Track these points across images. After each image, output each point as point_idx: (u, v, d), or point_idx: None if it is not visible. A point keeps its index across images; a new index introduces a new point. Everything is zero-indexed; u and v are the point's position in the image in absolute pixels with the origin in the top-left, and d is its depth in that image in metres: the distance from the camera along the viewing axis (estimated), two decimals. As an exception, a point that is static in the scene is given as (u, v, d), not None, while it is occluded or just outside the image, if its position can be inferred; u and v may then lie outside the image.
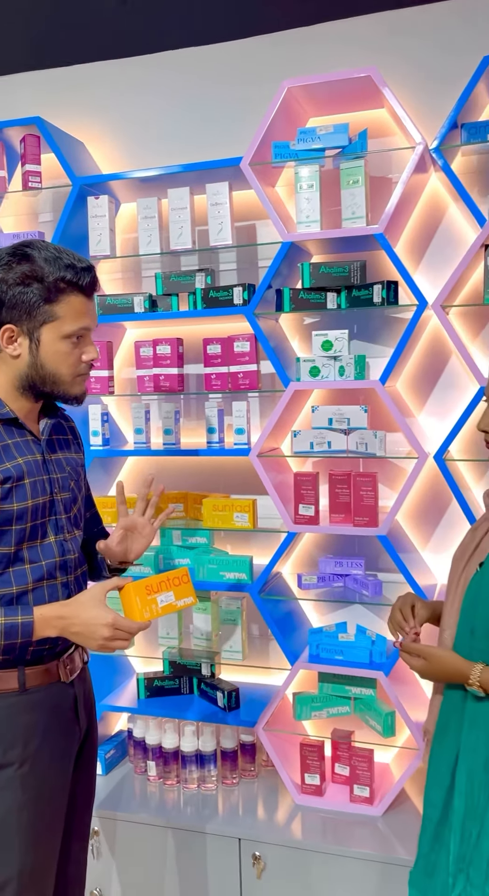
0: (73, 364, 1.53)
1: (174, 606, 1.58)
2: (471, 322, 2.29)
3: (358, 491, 2.16)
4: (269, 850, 2.15)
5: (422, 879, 1.51)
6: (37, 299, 1.46)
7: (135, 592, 1.54)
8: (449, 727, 1.48)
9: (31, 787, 1.50)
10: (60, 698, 1.58)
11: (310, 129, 2.17)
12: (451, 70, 2.21)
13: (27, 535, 1.50)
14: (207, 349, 2.36)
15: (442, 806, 1.48)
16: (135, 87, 2.56)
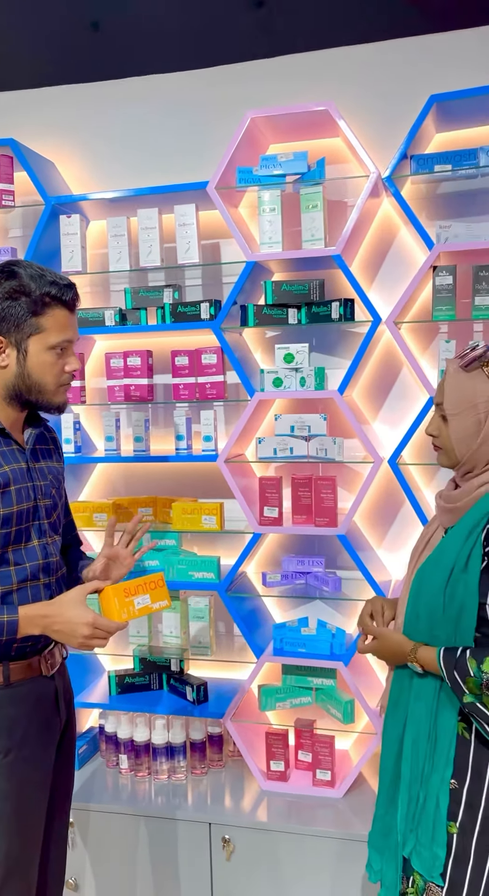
0: (57, 374, 1.63)
1: (150, 609, 1.68)
2: (421, 337, 2.47)
3: (319, 493, 2.32)
4: (238, 833, 2.28)
5: (379, 840, 1.66)
6: (24, 312, 1.57)
7: (113, 595, 1.64)
8: (399, 701, 1.63)
9: (15, 777, 1.59)
10: (42, 691, 1.68)
11: (271, 156, 2.32)
12: (401, 105, 2.39)
13: (12, 538, 1.60)
14: (176, 361, 2.49)
15: (392, 772, 1.63)
16: (104, 109, 2.68)
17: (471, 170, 2.21)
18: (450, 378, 1.56)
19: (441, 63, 2.37)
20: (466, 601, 1.46)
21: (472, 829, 1.47)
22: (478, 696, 1.40)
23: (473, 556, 1.46)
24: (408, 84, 2.41)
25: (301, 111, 2.26)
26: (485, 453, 1.52)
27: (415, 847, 1.53)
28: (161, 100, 2.63)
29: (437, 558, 1.55)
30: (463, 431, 1.53)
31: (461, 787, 1.48)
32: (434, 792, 1.50)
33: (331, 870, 2.22)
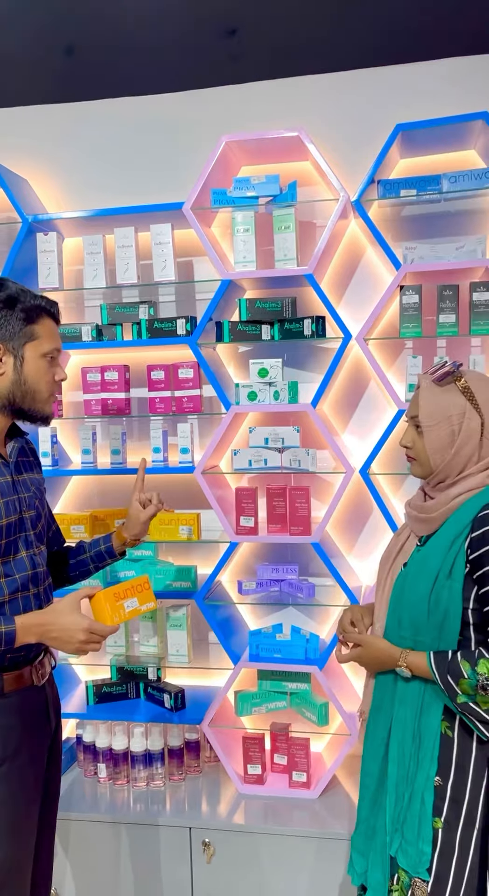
0: (49, 382, 1.70)
1: (139, 611, 1.74)
2: (387, 352, 2.58)
3: (293, 503, 2.41)
4: (218, 835, 2.34)
5: (363, 842, 1.71)
6: (19, 321, 1.63)
7: (105, 600, 1.69)
8: (382, 706, 1.69)
9: (12, 783, 1.62)
10: (34, 701, 1.71)
11: (244, 178, 2.41)
12: (366, 131, 2.51)
13: (2, 551, 1.63)
14: (152, 375, 2.56)
15: (378, 775, 1.69)
16: (77, 130, 2.74)
17: (435, 194, 2.33)
18: (424, 392, 1.64)
19: (406, 93, 2.50)
20: (450, 607, 1.53)
21: (457, 823, 1.54)
22: (472, 697, 1.47)
23: (457, 563, 1.54)
24: (373, 112, 2.53)
25: (274, 136, 2.36)
26: (459, 463, 1.60)
27: (401, 845, 1.58)
28: (134, 121, 2.71)
29: (420, 566, 1.62)
30: (438, 442, 1.60)
31: (445, 783, 1.55)
32: (419, 790, 1.56)
33: (310, 868, 2.29)
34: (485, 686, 1.45)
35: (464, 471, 1.61)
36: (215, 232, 2.65)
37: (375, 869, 1.65)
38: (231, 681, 2.50)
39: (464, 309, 2.35)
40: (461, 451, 1.59)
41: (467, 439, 1.59)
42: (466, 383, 1.61)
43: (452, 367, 1.63)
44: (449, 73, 2.48)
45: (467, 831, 1.55)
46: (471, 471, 1.61)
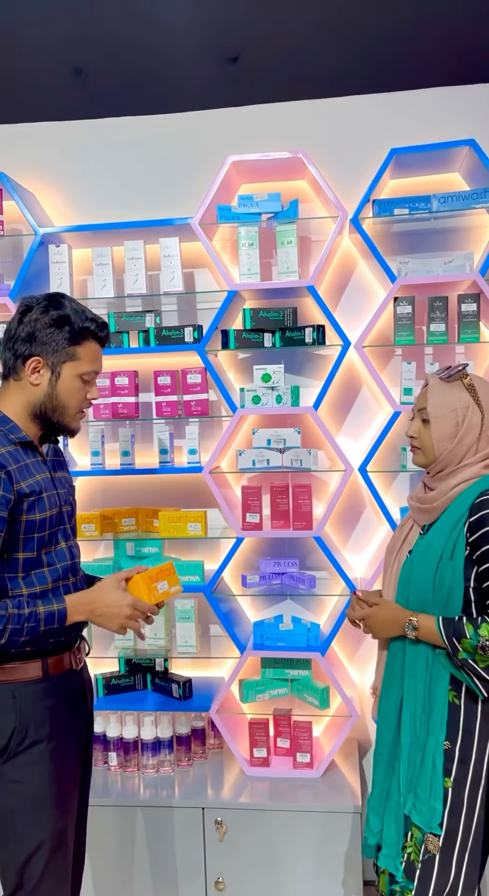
0: (80, 400, 1.80)
1: (169, 593, 1.85)
2: (379, 359, 2.77)
3: (296, 500, 2.57)
4: (230, 814, 2.47)
5: (378, 804, 1.88)
6: (64, 340, 1.74)
7: (142, 582, 1.80)
8: (393, 681, 1.86)
9: (57, 760, 1.74)
10: (73, 684, 1.83)
11: (248, 196, 2.58)
12: (360, 153, 2.70)
13: (46, 541, 1.76)
14: (158, 380, 2.69)
15: (391, 743, 1.85)
16: (83, 146, 2.87)
17: (425, 213, 2.53)
18: (432, 387, 1.82)
19: (397, 118, 2.70)
20: (454, 585, 1.71)
21: (465, 781, 1.71)
22: (471, 655, 1.66)
23: (458, 545, 1.72)
24: (366, 135, 2.72)
25: (277, 157, 2.53)
26: (460, 452, 1.78)
27: (415, 804, 1.75)
28: (139, 139, 2.85)
29: (425, 551, 1.79)
30: (443, 431, 1.78)
31: (454, 746, 1.72)
32: (431, 753, 1.73)
33: (318, 841, 2.45)
34: (485, 647, 1.62)
35: (462, 460, 1.79)
36: (216, 245, 2.80)
37: (390, 828, 1.81)
38: (238, 668, 2.64)
39: (453, 319, 2.55)
40: (463, 441, 1.77)
41: (468, 430, 1.77)
42: (471, 381, 1.80)
43: (460, 367, 1.82)
44: (437, 102, 2.68)
45: (474, 789, 1.72)
46: (469, 461, 1.78)
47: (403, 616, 1.77)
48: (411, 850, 1.75)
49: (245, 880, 2.47)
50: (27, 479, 1.72)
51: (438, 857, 1.70)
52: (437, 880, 1.70)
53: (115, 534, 2.78)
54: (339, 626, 2.59)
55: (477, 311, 2.48)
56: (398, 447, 2.71)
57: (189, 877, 2.50)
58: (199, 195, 2.73)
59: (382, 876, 1.85)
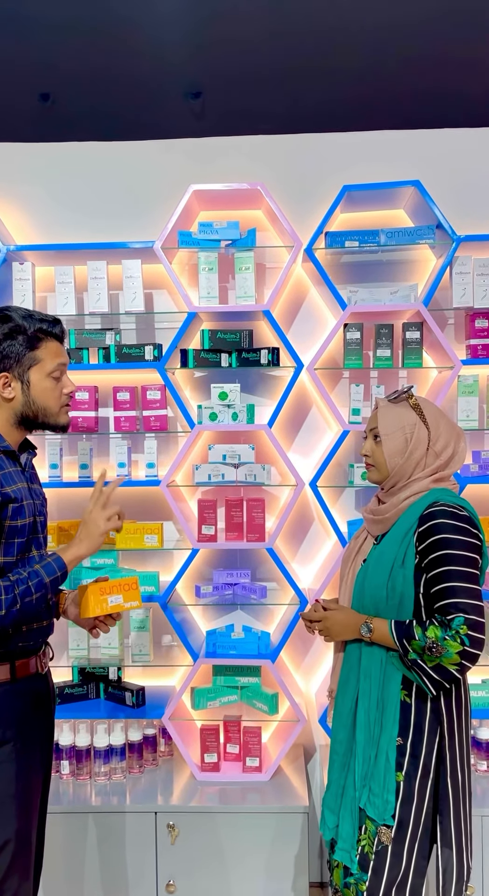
0: (57, 397, 1.87)
1: (121, 607, 1.90)
2: (329, 380, 2.93)
3: (250, 513, 2.69)
4: (182, 818, 2.55)
5: (333, 800, 1.97)
6: (22, 348, 1.80)
7: (91, 593, 1.86)
8: (349, 682, 1.97)
9: (21, 762, 1.79)
10: (38, 687, 1.89)
11: (208, 223, 2.71)
12: (314, 187, 2.88)
13: (22, 548, 1.81)
14: (117, 396, 2.78)
15: (346, 741, 1.95)
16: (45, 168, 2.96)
17: (374, 246, 2.71)
18: (382, 408, 1.97)
19: (351, 157, 2.88)
20: (405, 591, 1.84)
21: (415, 774, 1.83)
22: (420, 655, 1.78)
23: (408, 554, 1.85)
24: (318, 171, 2.90)
25: (237, 188, 2.67)
26: (410, 467, 1.93)
27: (369, 797, 1.86)
28: (103, 164, 2.95)
29: (378, 558, 1.91)
30: (394, 448, 1.93)
31: (405, 742, 1.84)
32: (384, 749, 1.85)
33: (268, 841, 2.54)
34: (431, 648, 1.75)
35: (412, 475, 1.93)
36: (175, 268, 2.92)
37: (345, 822, 1.90)
38: (191, 675, 2.73)
39: (398, 345, 2.74)
40: (412, 456, 1.91)
41: (417, 446, 1.91)
42: (417, 402, 1.95)
43: (407, 389, 1.97)
44: (387, 143, 2.88)
45: (423, 781, 1.84)
46: (418, 476, 1.93)
47: (359, 619, 1.88)
48: (365, 842, 1.85)
49: (196, 882, 2.55)
50: (11, 485, 1.77)
51: (390, 847, 1.81)
52: (390, 870, 1.81)
53: (71, 545, 2.83)
54: (289, 635, 2.71)
55: (420, 338, 2.67)
56: (345, 464, 2.87)
57: (140, 880, 2.55)
58: (158, 219, 2.86)
59: (336, 870, 1.95)
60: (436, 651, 1.74)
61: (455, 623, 1.73)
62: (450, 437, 1.95)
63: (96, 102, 2.76)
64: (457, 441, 1.96)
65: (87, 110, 2.79)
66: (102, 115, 2.82)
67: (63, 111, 2.80)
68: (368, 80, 2.64)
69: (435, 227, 2.67)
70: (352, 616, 1.92)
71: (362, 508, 2.09)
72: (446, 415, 1.99)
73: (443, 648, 1.74)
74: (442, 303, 2.82)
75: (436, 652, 1.74)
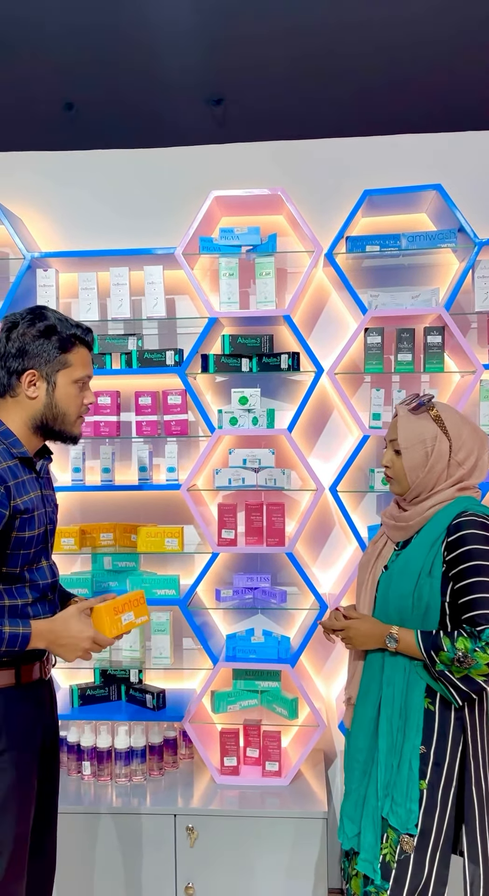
0: (78, 406, 1.85)
1: (134, 623, 1.89)
2: (348, 385, 2.92)
3: (270, 517, 2.70)
4: (201, 821, 2.56)
5: (353, 809, 1.92)
6: (55, 349, 1.79)
7: (105, 614, 1.83)
8: (370, 689, 1.92)
9: (21, 766, 1.77)
10: (42, 692, 1.87)
11: (229, 228, 2.73)
12: (333, 192, 2.88)
13: (30, 559, 1.80)
14: (139, 400, 2.81)
15: (367, 749, 1.91)
16: (71, 175, 3.00)
17: (395, 250, 2.70)
18: (402, 420, 1.94)
19: (372, 161, 2.88)
20: (431, 600, 1.80)
21: (438, 783, 1.79)
22: (448, 667, 1.76)
23: (436, 563, 1.81)
24: (339, 176, 2.90)
25: (258, 194, 2.68)
26: (431, 480, 1.91)
27: (392, 807, 1.81)
28: (126, 171, 2.98)
29: (404, 567, 1.87)
30: (414, 461, 1.90)
31: (428, 750, 1.81)
32: (407, 757, 1.81)
33: (287, 846, 2.54)
34: (461, 659, 1.73)
35: (435, 487, 1.91)
36: (197, 274, 2.94)
37: (367, 832, 1.86)
38: (210, 680, 2.74)
39: (419, 349, 2.72)
40: (433, 470, 1.89)
41: (438, 459, 1.89)
42: (438, 413, 1.92)
43: (426, 399, 1.94)
44: (409, 147, 2.88)
45: (446, 790, 1.81)
46: (442, 487, 1.91)
47: (384, 629, 1.87)
48: (387, 851, 1.82)
49: (214, 885, 2.56)
50: (23, 496, 1.75)
51: (413, 856, 1.79)
52: (412, 879, 1.79)
53: (93, 548, 2.87)
54: (309, 640, 2.71)
55: (441, 343, 2.65)
56: (366, 469, 2.86)
57: (159, 882, 2.57)
58: (180, 226, 2.88)
59: (355, 879, 1.93)
60: (465, 663, 1.73)
61: (485, 635, 1.72)
62: (474, 445, 1.92)
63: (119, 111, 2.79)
64: (480, 449, 1.93)
65: (110, 118, 2.82)
66: (125, 123, 2.85)
67: (86, 120, 2.84)
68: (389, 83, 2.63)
69: (457, 230, 2.66)
70: (376, 626, 1.90)
71: (382, 513, 2.08)
72: (470, 421, 1.96)
73: (472, 660, 1.72)
74: (464, 307, 2.80)
75: (465, 664, 1.73)
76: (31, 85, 2.69)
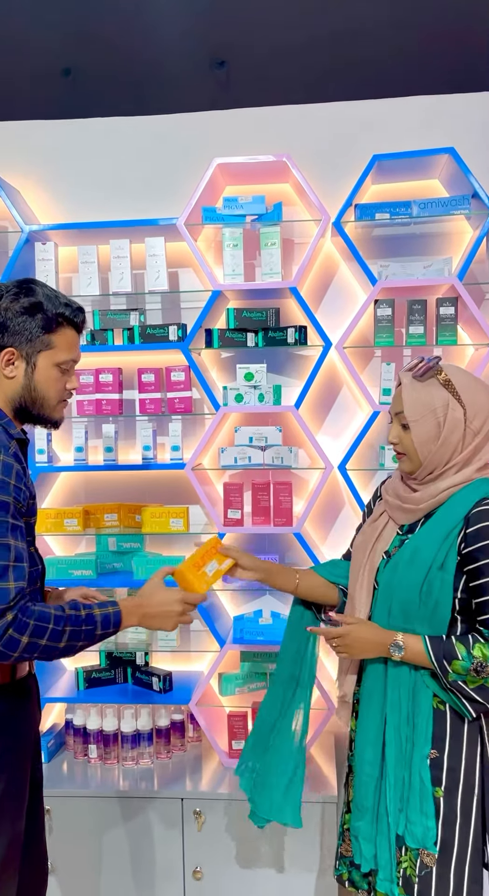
0: (60, 390, 1.73)
1: (221, 571, 1.80)
2: (358, 360, 2.83)
3: (277, 497, 2.62)
4: (209, 805, 2.52)
5: (369, 829, 1.72)
6: (38, 328, 1.65)
7: (187, 572, 1.77)
8: (373, 696, 1.74)
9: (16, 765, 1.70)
10: (31, 687, 1.80)
11: (233, 198, 2.62)
12: (342, 158, 2.76)
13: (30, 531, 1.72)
14: (142, 377, 2.73)
15: (377, 762, 1.72)
16: (70, 145, 2.90)
17: (406, 218, 2.59)
18: (406, 389, 1.69)
19: (381, 125, 2.76)
20: (441, 597, 1.62)
21: (456, 789, 1.63)
22: (462, 677, 1.58)
23: (450, 556, 1.62)
24: (348, 141, 2.78)
25: (262, 161, 2.58)
26: (446, 453, 1.67)
27: (407, 826, 1.64)
28: (126, 140, 2.88)
29: (412, 557, 1.67)
30: (425, 435, 1.67)
31: (441, 754, 1.64)
32: (417, 769, 1.64)
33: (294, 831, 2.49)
34: (478, 669, 1.56)
35: (450, 461, 1.68)
36: (201, 246, 2.84)
37: (383, 850, 1.68)
38: (217, 662, 2.69)
39: (431, 321, 2.62)
40: (448, 442, 1.66)
41: (452, 429, 1.66)
42: (447, 376, 1.67)
43: (433, 363, 1.69)
44: (419, 110, 2.75)
45: (467, 797, 1.63)
46: (457, 461, 1.67)
47: (387, 637, 1.68)
48: (407, 864, 1.66)
49: (223, 870, 2.52)
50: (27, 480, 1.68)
51: (435, 869, 1.64)
52: (437, 893, 1.64)
53: (97, 529, 2.81)
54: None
55: (454, 314, 2.55)
56: (376, 446, 2.77)
57: (167, 867, 2.53)
58: (184, 196, 2.78)
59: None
60: (484, 672, 1.58)
61: None
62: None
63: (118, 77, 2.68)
64: None
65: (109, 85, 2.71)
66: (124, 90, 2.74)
67: (85, 86, 2.73)
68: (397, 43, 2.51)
69: (470, 196, 2.54)
70: (377, 632, 1.70)
71: (383, 487, 1.88)
72: (485, 383, 1.74)
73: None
74: (478, 276, 2.69)
75: (483, 673, 1.58)
76: (26, 50, 2.58)
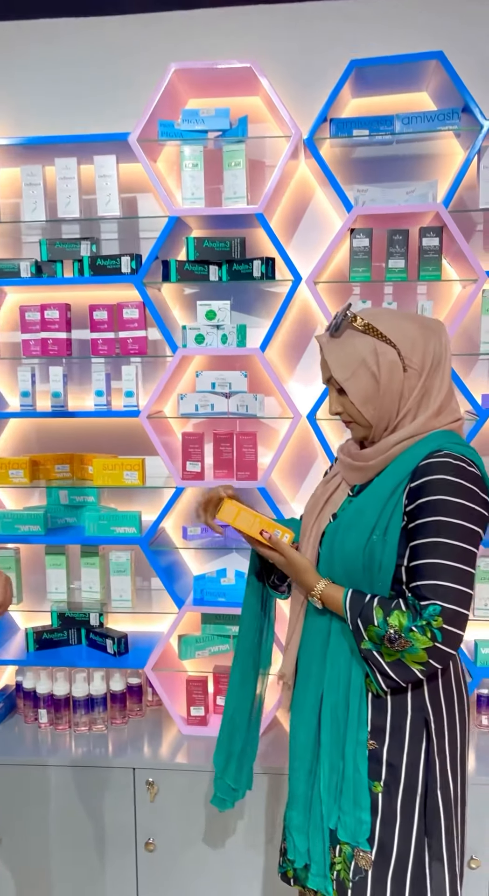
0: None
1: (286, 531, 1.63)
2: (334, 297, 2.56)
3: (240, 448, 2.39)
4: (162, 775, 2.36)
5: (302, 820, 1.57)
6: None
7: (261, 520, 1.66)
8: (311, 669, 1.56)
9: None
10: None
11: (193, 111, 2.32)
12: (318, 67, 2.44)
13: None
14: (94, 315, 2.47)
15: (311, 745, 1.56)
16: (13, 49, 2.58)
17: (387, 136, 2.30)
18: (327, 350, 1.50)
19: (361, 27, 2.43)
20: (384, 561, 1.44)
21: (397, 787, 1.46)
22: (377, 646, 1.40)
23: (395, 516, 1.44)
24: (326, 47, 2.46)
25: (224, 67, 2.27)
26: (392, 404, 1.47)
27: (340, 817, 1.50)
28: (73, 44, 2.56)
29: (355, 518, 1.50)
30: (363, 392, 1.47)
31: (381, 747, 1.47)
32: (351, 755, 1.48)
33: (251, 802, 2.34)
34: (392, 639, 1.38)
35: (400, 410, 1.48)
36: (161, 167, 2.55)
37: (316, 843, 1.55)
38: (175, 625, 2.50)
39: (414, 254, 2.35)
40: (389, 389, 1.46)
41: (390, 374, 1.45)
42: (364, 320, 1.47)
43: (342, 311, 1.49)
44: (404, 9, 2.42)
45: (409, 795, 1.47)
46: (409, 407, 1.48)
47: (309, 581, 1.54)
48: (340, 867, 1.51)
49: (176, 841, 2.37)
50: None
51: (371, 874, 1.47)
52: None
53: (47, 481, 2.59)
54: (283, 583, 2.44)
55: (439, 246, 2.27)
56: (352, 394, 2.52)
57: (120, 837, 2.39)
58: (139, 110, 2.47)
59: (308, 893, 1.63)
60: (397, 644, 1.37)
61: (428, 612, 1.35)
62: (428, 340, 1.47)
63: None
64: (436, 338, 1.48)
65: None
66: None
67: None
68: None
69: (460, 110, 2.24)
70: (310, 572, 1.55)
71: (339, 447, 1.68)
72: (410, 314, 1.53)
73: (407, 642, 1.36)
74: (467, 203, 2.41)
75: (397, 645, 1.37)
76: None
